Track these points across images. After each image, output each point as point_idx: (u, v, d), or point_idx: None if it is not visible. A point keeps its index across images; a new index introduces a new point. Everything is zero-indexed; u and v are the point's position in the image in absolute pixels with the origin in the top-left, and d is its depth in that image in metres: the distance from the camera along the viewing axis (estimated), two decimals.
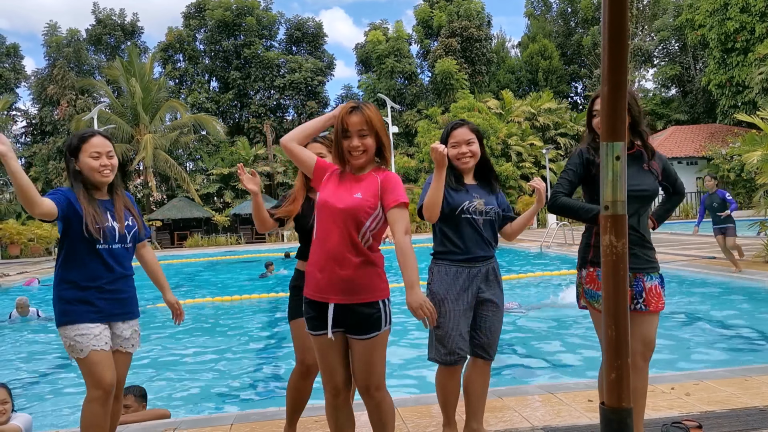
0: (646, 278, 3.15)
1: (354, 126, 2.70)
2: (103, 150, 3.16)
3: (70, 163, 3.17)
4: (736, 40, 30.95)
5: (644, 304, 3.14)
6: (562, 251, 17.69)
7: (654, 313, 3.15)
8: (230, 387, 6.35)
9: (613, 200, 1.54)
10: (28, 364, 7.88)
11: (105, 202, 3.22)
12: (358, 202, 2.68)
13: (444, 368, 3.33)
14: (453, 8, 44.40)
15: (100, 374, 3.05)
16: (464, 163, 3.37)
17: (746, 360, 6.03)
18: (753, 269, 10.76)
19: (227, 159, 40.44)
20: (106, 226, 3.12)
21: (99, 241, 3.10)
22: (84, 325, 3.08)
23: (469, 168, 3.40)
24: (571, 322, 8.38)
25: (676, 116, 40.33)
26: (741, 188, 29.53)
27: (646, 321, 3.14)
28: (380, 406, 2.80)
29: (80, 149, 3.14)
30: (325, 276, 2.69)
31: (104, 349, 3.09)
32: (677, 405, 3.96)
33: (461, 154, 3.36)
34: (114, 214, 3.20)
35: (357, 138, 2.71)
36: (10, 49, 42.40)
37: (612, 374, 1.57)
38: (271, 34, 47.45)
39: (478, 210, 3.32)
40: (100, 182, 3.18)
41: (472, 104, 37.56)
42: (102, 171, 3.15)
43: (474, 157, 3.38)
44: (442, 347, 3.27)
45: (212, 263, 23.03)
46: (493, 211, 3.38)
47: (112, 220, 3.17)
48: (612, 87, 1.50)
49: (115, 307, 3.18)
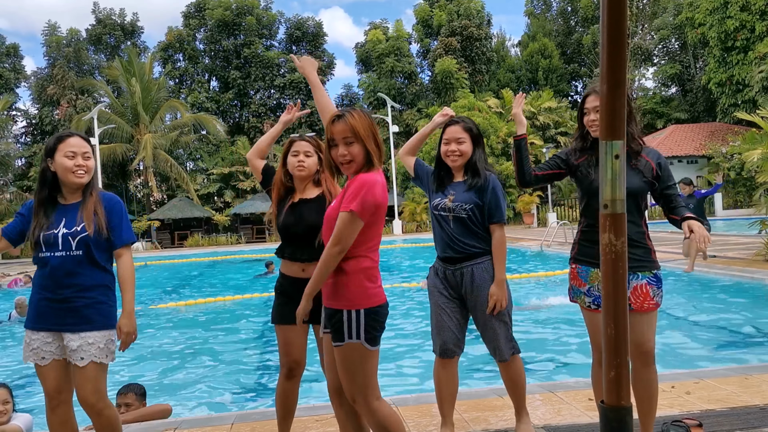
0: (632, 277, 3.09)
1: (338, 134, 2.66)
2: (79, 150, 3.11)
3: (44, 163, 3.15)
4: (736, 38, 30.93)
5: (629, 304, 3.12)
6: (562, 250, 17.68)
7: (640, 312, 3.05)
8: (231, 386, 6.36)
9: (612, 199, 1.54)
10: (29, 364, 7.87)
11: (70, 207, 3.15)
12: (329, 212, 2.79)
13: (437, 359, 3.48)
14: (453, 7, 44.38)
15: (42, 381, 3.13)
16: (452, 161, 3.41)
17: (746, 358, 6.03)
18: (753, 268, 10.75)
19: (227, 159, 40.46)
20: (45, 233, 3.07)
21: (41, 248, 3.08)
22: (28, 332, 3.13)
23: (457, 166, 3.43)
24: (571, 320, 8.38)
25: (676, 115, 40.31)
26: (741, 187, 29.52)
27: (634, 321, 3.01)
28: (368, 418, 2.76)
29: (56, 149, 3.10)
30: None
31: (39, 363, 3.11)
32: (677, 403, 3.96)
33: (450, 151, 3.40)
34: (71, 220, 3.10)
35: (342, 146, 2.66)
36: (10, 49, 42.41)
37: (611, 372, 1.57)
38: (271, 33, 47.45)
39: (446, 207, 3.35)
40: (74, 183, 3.11)
41: (472, 103, 37.53)
42: (76, 171, 3.09)
43: (462, 156, 3.39)
44: (433, 339, 3.47)
45: (212, 263, 23.03)
46: (462, 209, 3.31)
47: (61, 227, 3.08)
48: (611, 86, 1.50)
49: (63, 317, 3.06)
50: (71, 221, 3.09)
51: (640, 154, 3.14)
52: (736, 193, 30.65)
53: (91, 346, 3.04)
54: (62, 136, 3.15)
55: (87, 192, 3.17)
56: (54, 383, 3.09)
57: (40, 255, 3.08)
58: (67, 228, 3.08)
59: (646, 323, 3.08)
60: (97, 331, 3.07)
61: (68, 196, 3.17)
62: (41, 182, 3.15)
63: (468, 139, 3.39)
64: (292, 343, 3.41)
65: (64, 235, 3.07)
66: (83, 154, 3.12)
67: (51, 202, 3.14)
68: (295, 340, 3.41)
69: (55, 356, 3.09)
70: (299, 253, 3.39)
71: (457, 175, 3.46)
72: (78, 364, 3.02)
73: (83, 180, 3.12)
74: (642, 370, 3.09)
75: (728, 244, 14.93)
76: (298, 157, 3.46)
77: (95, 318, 3.08)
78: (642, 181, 3.11)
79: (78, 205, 3.13)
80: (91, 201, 3.14)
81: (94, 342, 3.05)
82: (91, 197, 3.15)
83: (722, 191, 30.72)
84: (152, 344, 8.42)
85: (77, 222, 3.08)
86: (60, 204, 3.16)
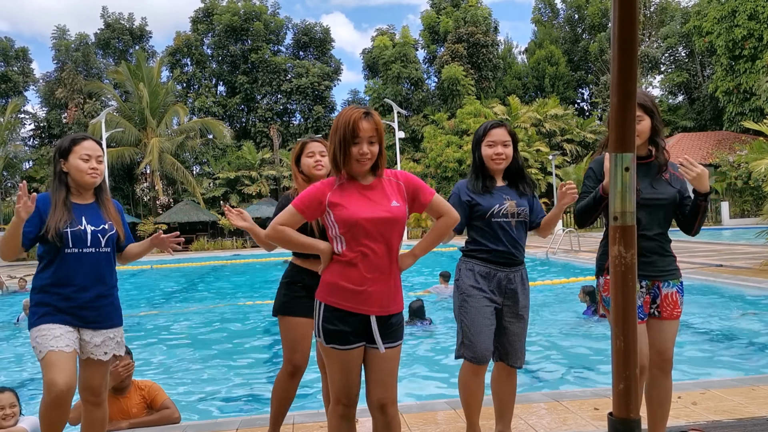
0: (663, 285, 3.14)
1: (366, 132, 2.61)
2: (93, 153, 3.18)
3: (57, 164, 3.19)
4: (744, 47, 30.88)
5: (657, 310, 3.13)
6: (568, 258, 17.64)
7: (668, 320, 3.12)
8: (236, 392, 6.36)
9: (622, 211, 1.54)
10: (37, 365, 7.90)
11: (87, 207, 3.21)
12: (399, 210, 2.65)
13: (468, 365, 3.34)
14: (459, 14, 44.45)
15: (52, 376, 2.94)
16: (497, 164, 3.36)
17: (754, 369, 6.00)
18: (760, 277, 10.70)
19: (234, 163, 40.55)
20: (72, 230, 3.08)
21: (67, 244, 3.07)
22: (46, 326, 3.05)
23: (500, 169, 3.39)
24: (579, 329, 8.36)
25: (683, 123, 40.22)
26: (748, 196, 29.41)
27: (661, 329, 3.12)
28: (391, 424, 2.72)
29: (71, 150, 3.15)
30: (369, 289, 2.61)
31: (63, 350, 2.98)
32: (684, 414, 3.93)
33: (497, 154, 3.33)
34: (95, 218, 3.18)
35: (366, 144, 2.63)
36: (19, 53, 42.70)
37: (620, 385, 1.56)
38: (279, 38, 47.61)
39: (510, 212, 3.32)
40: (87, 183, 3.19)
41: (478, 110, 37.58)
42: (91, 174, 3.17)
43: (507, 159, 3.37)
44: (467, 344, 3.30)
45: (218, 267, 23.07)
46: (524, 213, 3.38)
47: (86, 224, 3.13)
48: (621, 97, 1.50)
49: (85, 313, 3.10)
50: (95, 220, 3.18)
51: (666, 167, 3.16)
52: (743, 202, 30.54)
53: (112, 340, 3.21)
54: (77, 139, 3.21)
55: (101, 193, 3.28)
56: (68, 376, 2.98)
57: (66, 251, 3.07)
58: (94, 225, 3.15)
59: (672, 331, 3.14)
60: (115, 328, 3.25)
61: (80, 196, 3.22)
62: (59, 182, 3.19)
63: (511, 143, 3.38)
64: (303, 337, 3.37)
65: (93, 232, 3.13)
66: (97, 158, 3.20)
67: (67, 200, 3.18)
68: (305, 333, 3.38)
69: (76, 347, 3.10)
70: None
71: (497, 179, 3.42)
72: (102, 359, 3.16)
73: (96, 181, 3.23)
74: (661, 377, 3.14)
75: (735, 254, 14.87)
76: (315, 157, 3.53)
77: (114, 315, 3.25)
78: (675, 191, 3.14)
79: (95, 205, 3.24)
80: (110, 204, 3.30)
81: (114, 337, 3.22)
82: (108, 200, 3.30)
83: (729, 200, 30.63)
84: (158, 348, 8.44)
85: (103, 220, 3.20)
86: (74, 203, 3.19)
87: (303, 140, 3.63)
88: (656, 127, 3.11)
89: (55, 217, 3.07)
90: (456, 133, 37.31)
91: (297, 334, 3.39)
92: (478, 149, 3.40)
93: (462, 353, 3.34)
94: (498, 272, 3.33)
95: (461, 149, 35.43)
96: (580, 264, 15.70)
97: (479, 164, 3.41)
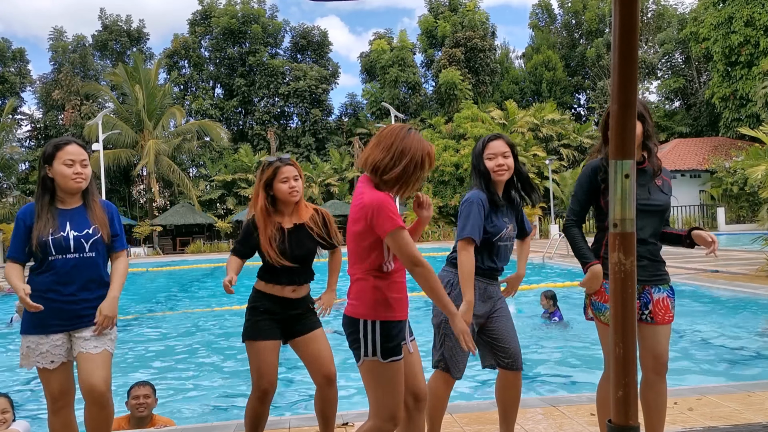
0: (654, 290, 3.16)
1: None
2: (77, 158, 3.13)
3: (43, 170, 3.16)
4: (740, 53, 31.01)
5: (650, 316, 3.14)
6: (564, 262, 17.66)
7: (661, 325, 3.14)
8: (232, 395, 6.34)
9: (622, 218, 1.54)
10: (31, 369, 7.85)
11: (73, 211, 3.18)
12: None
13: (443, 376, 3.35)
14: (457, 18, 44.58)
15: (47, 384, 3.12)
16: (500, 175, 3.34)
17: (750, 375, 6.00)
18: (756, 283, 10.72)
19: (230, 166, 40.53)
20: (54, 237, 3.06)
21: (50, 252, 3.06)
22: (33, 337, 3.09)
23: (503, 181, 3.38)
24: (577, 333, 8.36)
25: (680, 129, 40.36)
26: (744, 202, 29.50)
27: (655, 334, 3.14)
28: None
29: (54, 156, 3.11)
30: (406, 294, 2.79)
31: (48, 367, 3.08)
32: (680, 420, 3.94)
33: (498, 166, 3.33)
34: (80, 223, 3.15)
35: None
36: (16, 54, 42.65)
37: (619, 392, 1.56)
38: (277, 41, 47.69)
39: (509, 236, 3.43)
40: (72, 188, 3.15)
41: (475, 114, 37.65)
42: (75, 179, 3.13)
43: (509, 170, 3.36)
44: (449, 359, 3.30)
45: (214, 270, 23.01)
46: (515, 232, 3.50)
47: (69, 230, 3.12)
48: (622, 105, 1.50)
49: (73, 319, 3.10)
50: (80, 224, 3.14)
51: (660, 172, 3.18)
52: (739, 208, 30.63)
53: (104, 336, 3.15)
54: (60, 144, 3.16)
55: (88, 197, 3.24)
56: (60, 386, 3.10)
57: (50, 259, 3.07)
58: (77, 231, 3.12)
59: (666, 335, 3.17)
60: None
61: (67, 201, 3.19)
62: (43, 189, 3.16)
63: (511, 153, 3.38)
64: (269, 362, 3.35)
65: (76, 237, 3.11)
66: (81, 162, 3.15)
67: (51, 207, 3.16)
68: (271, 359, 3.36)
69: (64, 359, 3.12)
70: (297, 277, 3.43)
71: (500, 191, 3.42)
72: (91, 352, 3.09)
73: (82, 186, 3.18)
74: (657, 381, 3.15)
75: (731, 259, 14.90)
76: (289, 183, 3.39)
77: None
78: (668, 198, 3.19)
79: (81, 210, 3.19)
80: (97, 206, 3.23)
81: (105, 333, 3.16)
82: (95, 202, 3.23)
83: (725, 206, 30.72)
84: (154, 352, 8.41)
85: (88, 225, 3.16)
86: (59, 208, 3.17)
87: (275, 164, 3.42)
88: (648, 132, 3.12)
89: (38, 227, 3.07)
90: (453, 138, 37.35)
91: (261, 360, 3.35)
92: (481, 161, 3.38)
93: (441, 366, 3.35)
94: (488, 286, 3.39)
95: (458, 153, 35.48)
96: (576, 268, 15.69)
97: (485, 175, 3.37)
